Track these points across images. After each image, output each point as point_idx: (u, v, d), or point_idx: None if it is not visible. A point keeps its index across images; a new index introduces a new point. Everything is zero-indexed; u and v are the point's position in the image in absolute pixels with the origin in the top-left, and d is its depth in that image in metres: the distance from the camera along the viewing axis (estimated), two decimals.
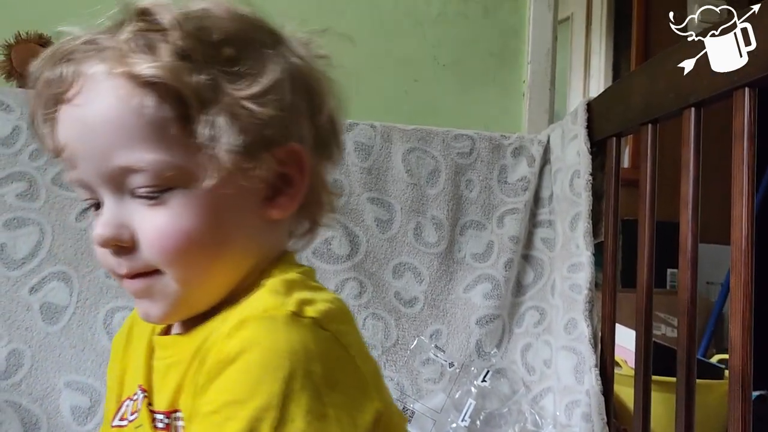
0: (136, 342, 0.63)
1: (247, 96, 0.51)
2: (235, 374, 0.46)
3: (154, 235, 0.51)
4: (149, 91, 0.49)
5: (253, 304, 0.50)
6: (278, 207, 0.56)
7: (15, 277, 1.09)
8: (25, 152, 1.13)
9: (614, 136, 1.14)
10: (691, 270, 0.88)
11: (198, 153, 0.50)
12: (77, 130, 0.51)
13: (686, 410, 0.91)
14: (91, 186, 0.52)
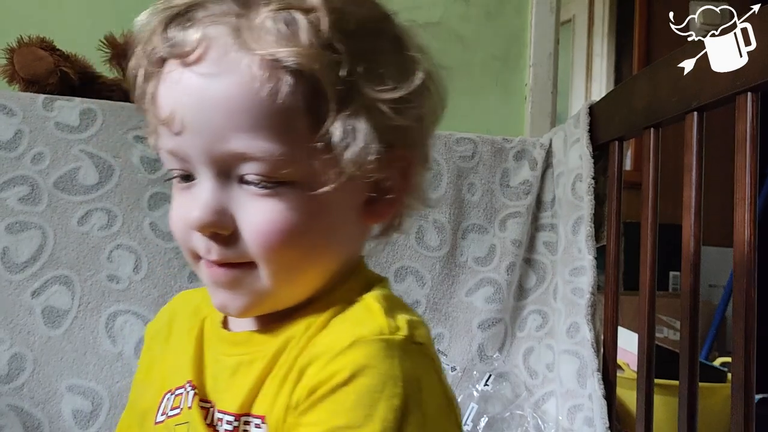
0: (179, 333, 0.60)
1: (388, 100, 0.48)
2: (348, 398, 0.43)
3: (262, 228, 0.47)
4: (286, 77, 0.45)
5: (364, 323, 0.47)
6: (375, 214, 0.53)
7: (17, 281, 1.09)
8: (27, 156, 1.13)
9: (616, 139, 1.14)
10: (693, 275, 0.88)
11: (322, 153, 0.47)
12: (194, 100, 0.46)
13: (689, 414, 0.91)
14: (190, 160, 0.48)
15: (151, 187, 1.17)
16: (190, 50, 0.46)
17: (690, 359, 0.91)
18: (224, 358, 0.54)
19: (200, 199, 0.48)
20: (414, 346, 0.47)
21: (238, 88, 0.45)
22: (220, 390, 0.53)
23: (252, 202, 0.47)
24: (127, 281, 1.12)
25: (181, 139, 0.47)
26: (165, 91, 0.48)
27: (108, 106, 1.18)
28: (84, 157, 1.15)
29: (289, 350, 0.50)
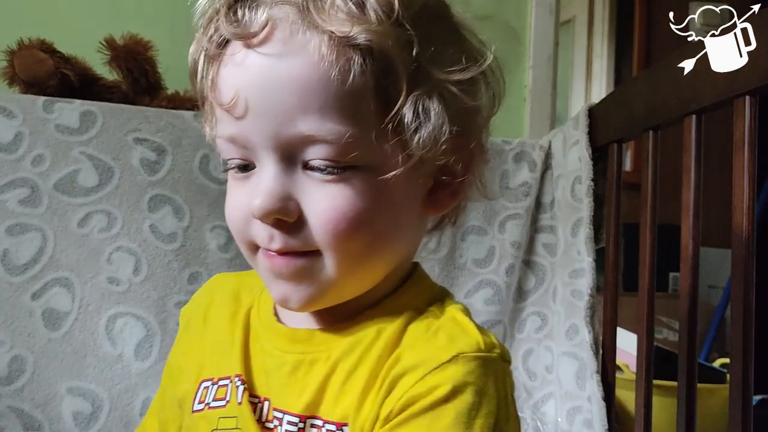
0: (218, 319, 0.58)
1: (457, 81, 0.47)
2: (448, 415, 0.44)
3: (330, 215, 0.46)
4: (356, 56, 0.43)
5: (461, 338, 0.47)
6: (436, 203, 0.52)
7: (17, 283, 1.09)
8: (27, 158, 1.13)
9: (615, 141, 1.14)
10: (692, 278, 0.88)
11: (392, 135, 0.46)
12: (260, 82, 0.45)
13: (687, 415, 0.91)
14: (252, 146, 0.47)
15: (150, 189, 1.17)
16: (256, 31, 0.44)
17: (689, 361, 0.91)
18: (281, 355, 0.52)
19: (263, 186, 0.46)
20: (504, 364, 0.48)
21: (306, 68, 0.43)
22: (275, 387, 0.51)
23: (318, 188, 0.46)
24: (127, 283, 1.12)
25: (244, 124, 0.46)
26: (228, 74, 0.46)
27: (108, 108, 1.18)
28: (84, 159, 1.15)
29: (357, 354, 0.49)
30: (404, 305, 0.51)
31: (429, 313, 0.51)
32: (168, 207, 1.17)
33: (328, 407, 0.49)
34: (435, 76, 0.46)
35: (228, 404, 0.53)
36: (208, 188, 1.20)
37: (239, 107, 0.45)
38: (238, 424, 0.51)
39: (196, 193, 1.19)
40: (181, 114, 1.21)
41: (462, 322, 0.49)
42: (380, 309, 0.51)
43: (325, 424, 0.48)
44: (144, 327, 1.11)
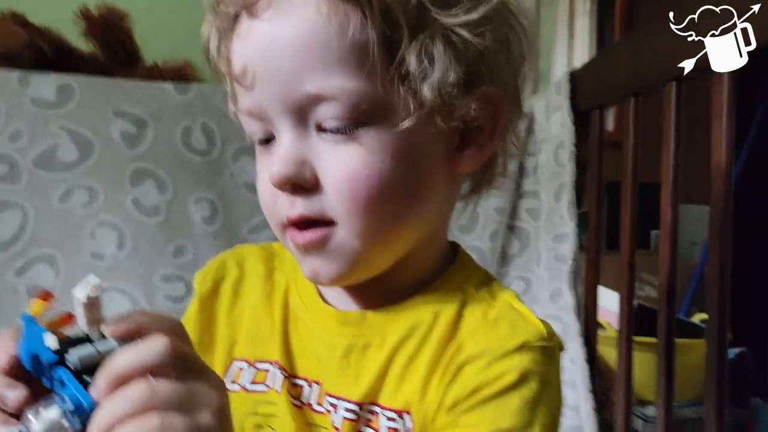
0: (252, 297, 0.57)
1: (463, 23, 0.45)
2: (514, 401, 0.44)
3: (344, 176, 0.45)
4: (354, 8, 0.43)
5: (523, 327, 0.48)
6: (466, 159, 0.49)
7: (1, 261, 1.08)
8: (4, 134, 1.11)
9: (598, 107, 1.14)
10: (671, 250, 0.89)
11: (400, 85, 0.44)
12: (264, 48, 0.45)
13: (666, 369, 0.93)
14: (267, 115, 0.46)
15: (132, 163, 1.16)
16: (256, 0, 0.44)
17: (668, 321, 0.93)
18: (331, 338, 0.51)
19: (280, 153, 0.46)
20: (559, 352, 0.49)
21: (306, 28, 0.43)
22: (327, 371, 0.51)
23: (332, 149, 0.45)
24: (111, 258, 1.12)
25: (256, 93, 0.46)
26: (237, 47, 0.46)
27: (86, 81, 1.16)
28: (62, 134, 1.13)
29: (416, 339, 0.48)
30: (455, 288, 0.51)
31: (481, 298, 0.51)
32: (150, 180, 1.16)
33: (388, 394, 0.48)
34: (439, 19, 0.44)
35: (270, 391, 0.52)
36: (191, 161, 1.19)
37: (248, 77, 0.45)
38: (277, 412, 0.51)
39: (179, 166, 1.18)
40: (161, 86, 1.20)
41: (521, 310, 0.49)
42: (431, 291, 0.51)
43: (383, 411, 0.48)
44: (130, 301, 1.11)
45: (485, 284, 0.53)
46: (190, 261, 1.15)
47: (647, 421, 1.40)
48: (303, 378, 0.52)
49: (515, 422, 0.44)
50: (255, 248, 0.62)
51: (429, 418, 0.47)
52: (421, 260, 0.52)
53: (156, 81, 1.21)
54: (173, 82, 1.21)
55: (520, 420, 0.44)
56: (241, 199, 1.21)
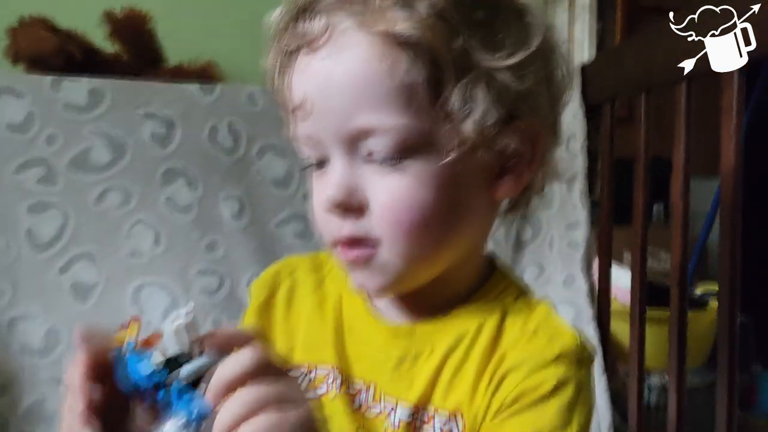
0: (304, 306, 0.62)
1: (506, 66, 0.48)
2: (553, 406, 0.50)
3: (389, 203, 0.49)
4: (404, 51, 0.47)
5: (559, 338, 0.53)
6: (504, 187, 0.53)
7: (44, 260, 1.13)
8: (40, 138, 1.15)
9: (608, 101, 1.19)
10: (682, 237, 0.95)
11: (443, 122, 0.48)
12: (320, 84, 0.49)
13: (679, 340, 0.98)
14: (321, 142, 0.51)
15: (163, 163, 1.20)
16: (314, 39, 0.49)
17: (680, 294, 0.98)
18: (385, 349, 0.56)
19: (332, 179, 0.50)
20: (592, 359, 0.55)
21: (359, 67, 0.47)
22: (383, 378, 0.56)
23: (380, 178, 0.49)
24: (148, 255, 1.17)
25: (312, 123, 0.50)
26: (296, 80, 0.51)
27: (115, 84, 1.20)
28: (95, 137, 1.18)
29: (462, 349, 0.54)
30: (495, 300, 0.56)
31: (519, 310, 0.56)
32: (181, 179, 1.21)
33: (439, 397, 0.54)
34: (481, 63, 0.48)
35: (328, 393, 0.57)
36: (219, 159, 1.24)
37: (306, 108, 0.50)
38: (333, 413, 0.56)
39: (208, 165, 1.23)
40: (187, 87, 1.24)
41: (555, 321, 0.55)
42: (473, 304, 0.56)
43: (436, 412, 0.54)
44: (168, 295, 1.17)
45: (522, 295, 0.58)
46: (222, 255, 1.21)
47: (651, 390, 1.47)
48: (359, 380, 0.58)
49: (554, 425, 0.50)
50: (304, 259, 0.67)
51: (477, 421, 0.53)
52: (463, 275, 0.57)
53: (181, 81, 1.25)
54: (199, 83, 1.25)
55: (559, 422, 0.50)
56: (267, 194, 1.26)
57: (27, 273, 1.12)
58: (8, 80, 1.16)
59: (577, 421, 0.51)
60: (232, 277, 1.21)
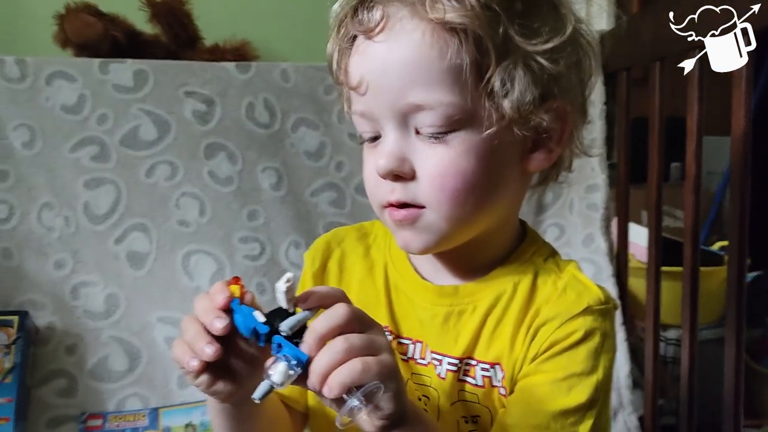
0: (355, 273, 0.68)
1: (541, 51, 0.54)
2: (582, 352, 0.57)
3: (435, 171, 0.55)
4: (453, 37, 0.52)
5: (586, 294, 0.59)
6: (536, 160, 0.59)
7: (101, 231, 1.23)
8: (92, 118, 1.24)
9: (624, 69, 1.24)
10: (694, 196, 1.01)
11: (486, 100, 0.54)
12: (378, 65, 0.54)
13: (691, 295, 1.05)
14: (376, 117, 0.56)
15: (205, 139, 1.29)
16: (373, 26, 0.54)
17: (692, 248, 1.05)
18: (432, 307, 0.63)
19: (385, 149, 0.56)
20: (615, 311, 0.62)
21: (413, 51, 0.53)
22: (431, 334, 0.63)
23: (427, 149, 0.55)
24: (195, 224, 1.27)
25: (367, 99, 0.56)
26: (354, 62, 0.57)
27: (157, 65, 1.28)
28: (142, 115, 1.26)
29: (501, 306, 0.61)
30: (527, 261, 0.63)
31: (549, 269, 0.63)
32: (222, 153, 1.30)
33: (481, 350, 0.61)
34: (521, 48, 0.53)
35: None
36: (256, 133, 1.32)
37: (363, 87, 0.56)
38: None
39: (246, 139, 1.31)
40: (224, 66, 1.31)
41: (582, 279, 0.61)
42: (509, 266, 0.63)
43: (479, 363, 0.61)
44: (215, 261, 1.26)
45: (551, 257, 0.65)
46: (262, 223, 1.30)
47: (668, 344, 1.53)
48: (407, 338, 0.65)
49: (583, 367, 0.58)
50: (350, 229, 0.74)
51: (516, 368, 0.60)
52: (498, 240, 0.64)
53: (219, 61, 1.33)
54: (235, 62, 1.32)
55: (588, 366, 0.58)
56: (302, 165, 1.34)
57: (86, 244, 1.23)
58: (60, 64, 1.24)
59: (603, 365, 0.58)
60: (272, 244, 1.30)
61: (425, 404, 0.63)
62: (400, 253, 0.67)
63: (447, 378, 0.62)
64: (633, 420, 1.19)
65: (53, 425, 1.14)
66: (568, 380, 0.57)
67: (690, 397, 1.07)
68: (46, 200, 1.22)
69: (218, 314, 0.49)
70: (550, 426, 0.56)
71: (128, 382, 1.20)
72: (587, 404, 0.57)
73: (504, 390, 0.61)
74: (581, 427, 0.57)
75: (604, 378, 0.58)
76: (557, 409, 0.57)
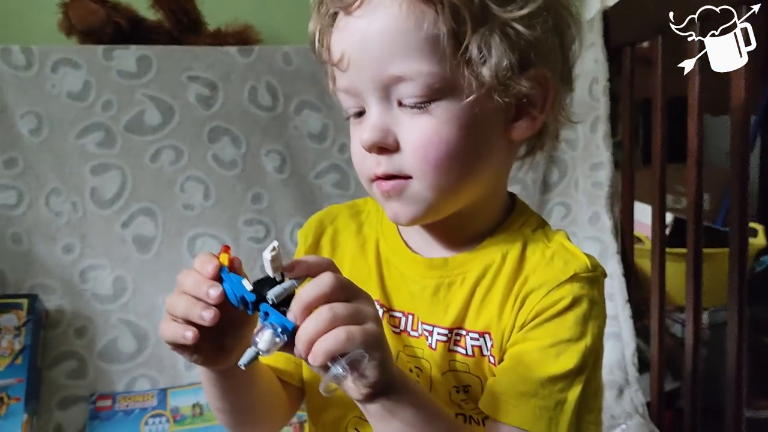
0: (347, 249, 0.69)
1: (517, 18, 0.54)
2: (569, 319, 0.57)
3: (419, 142, 0.55)
4: (429, 8, 0.53)
5: (573, 262, 0.59)
6: (519, 128, 0.59)
7: (107, 216, 1.25)
8: (97, 105, 1.26)
9: (629, 45, 1.22)
10: (697, 174, 1.00)
11: (464, 68, 0.54)
12: (358, 39, 0.55)
13: (695, 276, 1.04)
14: (359, 92, 0.57)
15: (208, 123, 1.30)
16: (352, 1, 0.55)
17: (695, 227, 1.04)
18: (421, 279, 0.64)
19: (369, 122, 0.57)
20: (603, 278, 0.62)
21: (390, 23, 0.54)
22: (421, 306, 0.63)
23: (410, 120, 0.56)
24: (200, 208, 1.28)
25: (350, 74, 0.57)
26: (335, 39, 0.58)
27: (160, 51, 1.29)
28: (146, 101, 1.28)
29: (490, 276, 0.61)
30: (515, 232, 0.63)
31: (537, 239, 0.63)
32: (226, 137, 1.31)
33: (471, 320, 0.61)
34: (497, 15, 0.54)
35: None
36: (259, 117, 1.33)
37: (344, 62, 0.57)
38: None
39: (249, 122, 1.32)
40: (226, 50, 1.32)
41: (570, 248, 0.62)
42: (497, 236, 0.63)
43: (468, 333, 0.61)
44: (220, 244, 1.26)
45: (540, 227, 0.65)
46: (266, 206, 1.31)
47: (683, 325, 1.52)
48: (399, 311, 0.65)
49: (571, 334, 0.57)
50: (343, 207, 0.75)
51: (505, 336, 0.60)
52: (487, 211, 0.64)
53: (221, 45, 1.33)
54: (237, 46, 1.33)
55: (575, 332, 0.57)
56: (305, 148, 1.35)
57: (93, 229, 1.25)
58: (65, 52, 1.26)
59: (591, 332, 0.58)
60: (276, 226, 1.31)
61: (417, 375, 0.64)
62: (392, 228, 0.68)
63: (437, 348, 0.62)
64: (639, 397, 1.19)
65: (64, 405, 1.17)
66: (556, 347, 0.57)
67: (694, 376, 1.06)
68: (53, 186, 1.24)
69: (211, 283, 0.50)
70: (539, 392, 0.57)
71: (137, 363, 1.22)
72: (576, 370, 0.57)
73: (493, 359, 0.61)
74: (570, 393, 0.57)
75: (592, 344, 0.58)
76: (545, 376, 0.57)
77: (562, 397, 0.57)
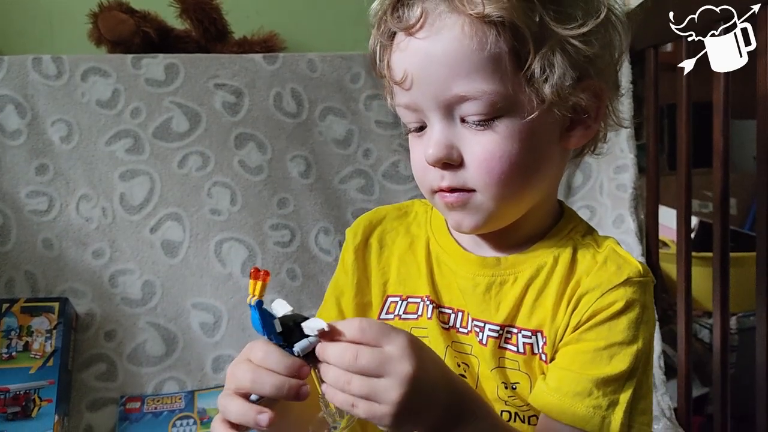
0: (395, 247, 0.71)
1: (576, 35, 0.56)
2: (622, 322, 0.59)
3: (483, 158, 0.57)
4: (490, 28, 0.54)
5: (626, 266, 0.61)
6: (575, 137, 0.61)
7: (137, 221, 1.27)
8: (126, 112, 1.28)
9: (652, 47, 1.22)
10: (723, 176, 0.99)
11: (526, 86, 0.56)
12: (420, 60, 0.57)
13: (722, 280, 1.04)
14: (421, 109, 0.59)
15: (235, 129, 1.32)
16: (413, 23, 0.57)
17: (722, 230, 1.03)
18: (474, 277, 0.65)
19: (432, 138, 0.59)
20: (653, 284, 0.63)
21: (453, 45, 0.55)
22: (472, 303, 0.65)
23: (473, 137, 0.58)
24: (227, 213, 1.30)
25: (413, 93, 0.59)
26: (396, 58, 0.59)
27: (187, 59, 1.32)
28: (174, 108, 1.30)
29: (542, 277, 0.63)
30: (567, 236, 0.65)
31: (587, 244, 0.65)
32: (252, 143, 1.32)
33: (523, 318, 0.63)
34: (557, 33, 0.55)
35: (419, 318, 0.67)
36: (284, 123, 1.34)
37: (407, 81, 0.58)
38: (428, 334, 0.65)
39: (274, 128, 1.34)
40: (251, 57, 1.34)
41: (622, 253, 0.63)
42: (548, 240, 0.65)
43: (521, 330, 0.63)
44: (246, 248, 1.29)
45: (589, 233, 0.67)
46: (292, 211, 1.33)
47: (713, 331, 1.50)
48: (449, 307, 0.67)
49: (624, 337, 0.59)
50: (390, 208, 0.77)
51: (558, 335, 0.62)
52: (539, 216, 0.66)
53: (247, 53, 1.36)
54: (262, 54, 1.35)
55: (628, 335, 0.59)
56: (330, 153, 1.36)
57: (123, 234, 1.27)
58: (94, 61, 1.29)
59: (643, 336, 0.59)
60: (302, 230, 1.32)
61: (465, 371, 0.65)
62: (442, 228, 0.70)
63: (488, 344, 0.64)
64: (666, 400, 1.18)
65: (94, 407, 1.19)
66: (610, 349, 0.59)
67: (723, 382, 1.05)
68: (83, 192, 1.26)
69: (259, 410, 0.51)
70: (593, 392, 0.58)
71: (165, 366, 1.23)
72: (628, 373, 0.59)
73: (545, 356, 0.63)
74: (622, 396, 0.59)
75: (643, 348, 0.59)
76: (599, 377, 0.58)
77: (615, 398, 0.59)
